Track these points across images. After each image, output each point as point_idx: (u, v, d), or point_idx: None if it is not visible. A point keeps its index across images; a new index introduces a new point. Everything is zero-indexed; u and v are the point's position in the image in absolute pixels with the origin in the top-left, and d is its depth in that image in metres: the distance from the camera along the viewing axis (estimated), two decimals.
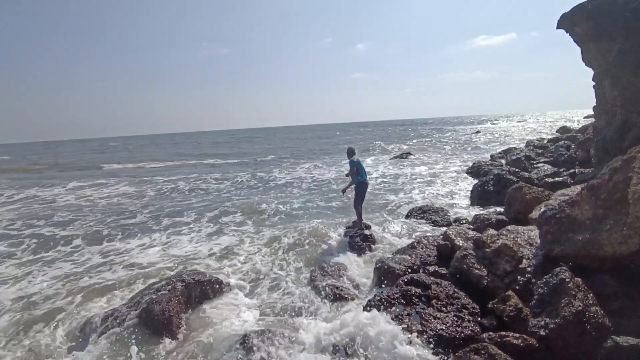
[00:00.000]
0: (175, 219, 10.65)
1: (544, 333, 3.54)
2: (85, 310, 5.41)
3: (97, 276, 6.64)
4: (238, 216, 10.46)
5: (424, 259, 5.84)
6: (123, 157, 42.15)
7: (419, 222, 8.67)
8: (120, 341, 4.46)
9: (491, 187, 9.64)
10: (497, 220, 7.06)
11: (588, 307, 3.57)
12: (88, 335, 4.70)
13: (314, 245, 7.54)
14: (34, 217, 11.55)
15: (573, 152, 13.45)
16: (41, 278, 6.72)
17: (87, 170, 28.50)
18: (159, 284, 5.50)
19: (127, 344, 4.37)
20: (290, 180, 17.34)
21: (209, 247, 7.92)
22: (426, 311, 4.29)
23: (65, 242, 8.86)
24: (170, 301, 4.97)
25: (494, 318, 4.10)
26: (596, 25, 8.94)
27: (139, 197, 14.99)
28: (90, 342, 4.56)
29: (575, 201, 4.39)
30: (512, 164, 13.43)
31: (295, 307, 5.19)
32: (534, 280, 4.30)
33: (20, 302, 5.78)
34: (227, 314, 5.14)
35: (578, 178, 9.15)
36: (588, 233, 4.07)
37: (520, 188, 7.38)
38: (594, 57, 9.52)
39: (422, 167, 19.07)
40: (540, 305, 3.86)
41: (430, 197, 11.58)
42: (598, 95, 10.01)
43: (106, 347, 4.38)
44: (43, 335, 4.86)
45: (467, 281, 4.75)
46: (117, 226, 10.16)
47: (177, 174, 21.99)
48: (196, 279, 5.61)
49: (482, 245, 4.91)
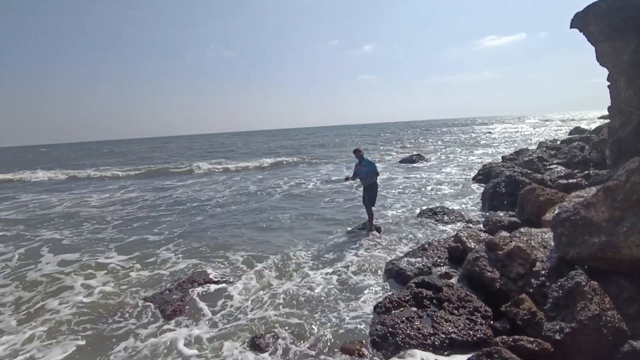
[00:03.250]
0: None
1: (560, 337, 3.47)
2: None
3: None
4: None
5: (435, 261, 5.80)
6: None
7: (429, 223, 8.60)
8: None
9: (503, 189, 9.51)
10: (510, 223, 6.98)
11: (605, 311, 3.49)
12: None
13: (324, 246, 7.54)
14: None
15: (587, 153, 13.19)
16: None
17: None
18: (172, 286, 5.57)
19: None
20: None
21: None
22: (437, 314, 4.26)
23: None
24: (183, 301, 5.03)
25: (507, 321, 4.04)
26: (610, 24, 8.77)
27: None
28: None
29: (591, 203, 4.31)
30: (524, 165, 13.23)
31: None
32: (548, 284, 4.22)
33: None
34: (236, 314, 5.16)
35: (593, 180, 8.97)
36: (604, 235, 3.98)
37: (534, 190, 7.27)
38: (609, 56, 9.34)
39: (432, 168, 18.95)
40: (555, 309, 3.79)
41: (440, 199, 11.48)
42: (613, 95, 9.82)
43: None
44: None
45: (479, 284, 4.70)
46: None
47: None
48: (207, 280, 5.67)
49: (495, 248, 4.85)
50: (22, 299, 6.02)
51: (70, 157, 52.81)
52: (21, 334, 4.89)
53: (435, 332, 4.00)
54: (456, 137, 44.85)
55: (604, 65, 9.81)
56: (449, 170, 17.88)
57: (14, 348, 4.61)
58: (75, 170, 29.38)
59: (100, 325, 5.03)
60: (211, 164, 27.49)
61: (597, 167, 11.05)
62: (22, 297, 6.09)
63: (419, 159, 22.91)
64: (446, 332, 3.98)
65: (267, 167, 24.62)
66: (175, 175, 22.62)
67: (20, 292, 6.26)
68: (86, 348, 4.56)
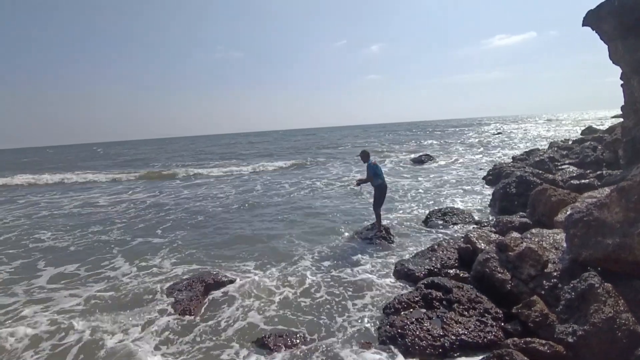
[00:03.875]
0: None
1: (572, 340, 3.43)
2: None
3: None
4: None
5: (445, 262, 5.76)
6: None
7: (439, 224, 8.54)
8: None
9: (514, 189, 9.39)
10: (521, 223, 6.90)
11: (619, 313, 3.43)
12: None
13: (333, 247, 7.54)
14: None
15: (600, 153, 12.98)
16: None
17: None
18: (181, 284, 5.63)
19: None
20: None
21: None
22: (447, 315, 4.22)
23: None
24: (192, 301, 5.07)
25: (518, 323, 4.00)
26: (624, 22, 8.63)
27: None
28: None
29: (604, 204, 4.24)
30: (535, 165, 13.06)
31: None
32: (560, 286, 4.17)
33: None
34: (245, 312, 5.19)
35: (606, 180, 8.82)
36: (618, 237, 3.91)
37: (545, 190, 7.18)
38: (622, 54, 9.18)
39: (441, 169, 18.82)
40: (567, 311, 3.74)
41: (449, 200, 11.39)
42: (626, 94, 9.65)
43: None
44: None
45: (490, 285, 4.65)
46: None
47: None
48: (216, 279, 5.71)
49: (506, 249, 4.80)
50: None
51: (69, 159, 53.21)
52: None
53: (445, 333, 3.97)
54: (465, 137, 44.48)
55: (617, 63, 9.65)
56: (458, 171, 17.74)
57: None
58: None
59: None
60: (219, 165, 27.61)
61: (610, 167, 10.86)
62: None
63: (428, 159, 22.76)
64: (456, 334, 3.95)
65: (276, 169, 24.68)
66: (181, 178, 22.73)
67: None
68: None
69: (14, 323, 5.15)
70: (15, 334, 4.80)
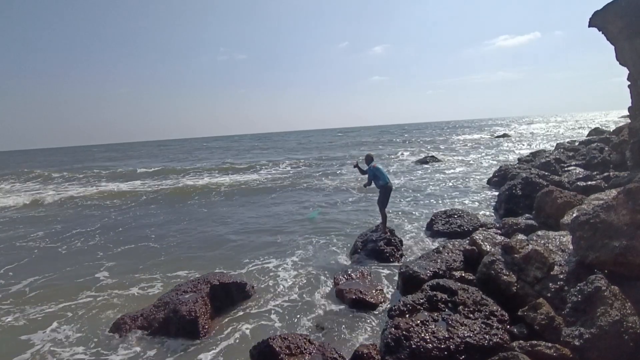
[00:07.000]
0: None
1: (579, 343, 3.40)
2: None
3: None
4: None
5: (450, 264, 5.74)
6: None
7: (443, 226, 8.51)
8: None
9: (519, 191, 9.34)
10: (527, 225, 6.86)
11: (626, 316, 3.40)
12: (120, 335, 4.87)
13: (338, 248, 7.54)
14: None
15: (607, 154, 12.87)
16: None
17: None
18: (186, 286, 5.65)
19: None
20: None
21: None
22: (452, 317, 4.20)
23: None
24: (197, 302, 5.09)
25: (524, 326, 3.97)
26: (630, 22, 8.57)
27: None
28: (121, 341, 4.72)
29: (611, 206, 4.21)
30: (541, 167, 12.98)
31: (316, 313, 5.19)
32: (566, 288, 4.14)
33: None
34: (252, 316, 5.20)
35: (613, 182, 8.74)
36: (625, 239, 3.88)
37: (551, 192, 7.14)
38: (629, 55, 9.12)
39: (446, 171, 18.75)
40: (574, 314, 3.71)
41: (455, 201, 11.35)
42: (633, 95, 9.58)
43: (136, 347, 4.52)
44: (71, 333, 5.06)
45: (496, 287, 4.63)
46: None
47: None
48: (221, 280, 5.72)
49: (511, 251, 4.78)
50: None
51: (67, 160, 53.51)
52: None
53: (450, 336, 3.95)
54: (470, 138, 44.30)
55: (624, 64, 9.59)
56: (464, 172, 17.68)
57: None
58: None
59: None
60: (224, 167, 27.74)
61: (617, 169, 10.76)
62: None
63: (433, 160, 22.69)
64: (462, 336, 3.93)
65: (277, 169, 24.73)
66: (187, 180, 22.90)
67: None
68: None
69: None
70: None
